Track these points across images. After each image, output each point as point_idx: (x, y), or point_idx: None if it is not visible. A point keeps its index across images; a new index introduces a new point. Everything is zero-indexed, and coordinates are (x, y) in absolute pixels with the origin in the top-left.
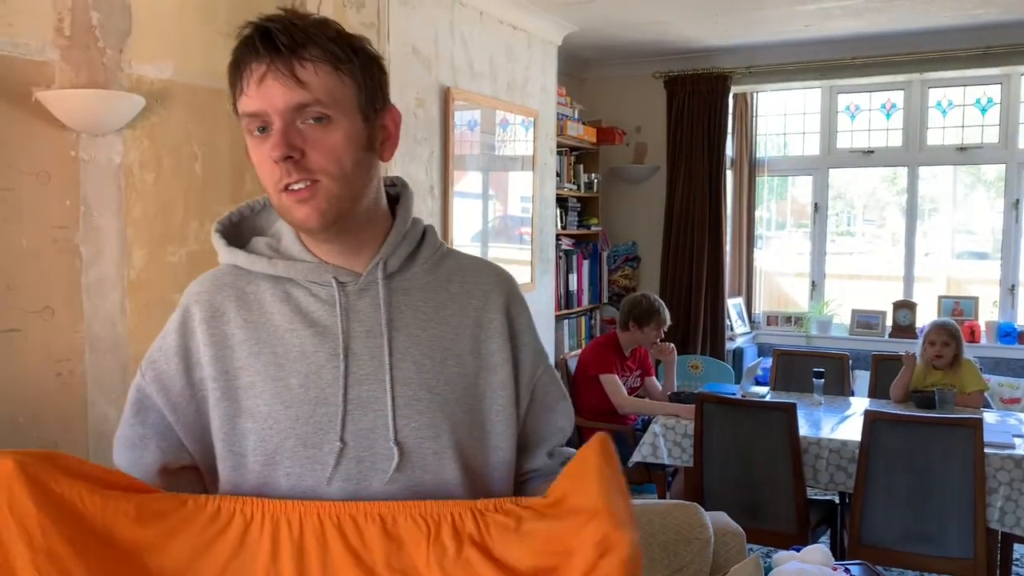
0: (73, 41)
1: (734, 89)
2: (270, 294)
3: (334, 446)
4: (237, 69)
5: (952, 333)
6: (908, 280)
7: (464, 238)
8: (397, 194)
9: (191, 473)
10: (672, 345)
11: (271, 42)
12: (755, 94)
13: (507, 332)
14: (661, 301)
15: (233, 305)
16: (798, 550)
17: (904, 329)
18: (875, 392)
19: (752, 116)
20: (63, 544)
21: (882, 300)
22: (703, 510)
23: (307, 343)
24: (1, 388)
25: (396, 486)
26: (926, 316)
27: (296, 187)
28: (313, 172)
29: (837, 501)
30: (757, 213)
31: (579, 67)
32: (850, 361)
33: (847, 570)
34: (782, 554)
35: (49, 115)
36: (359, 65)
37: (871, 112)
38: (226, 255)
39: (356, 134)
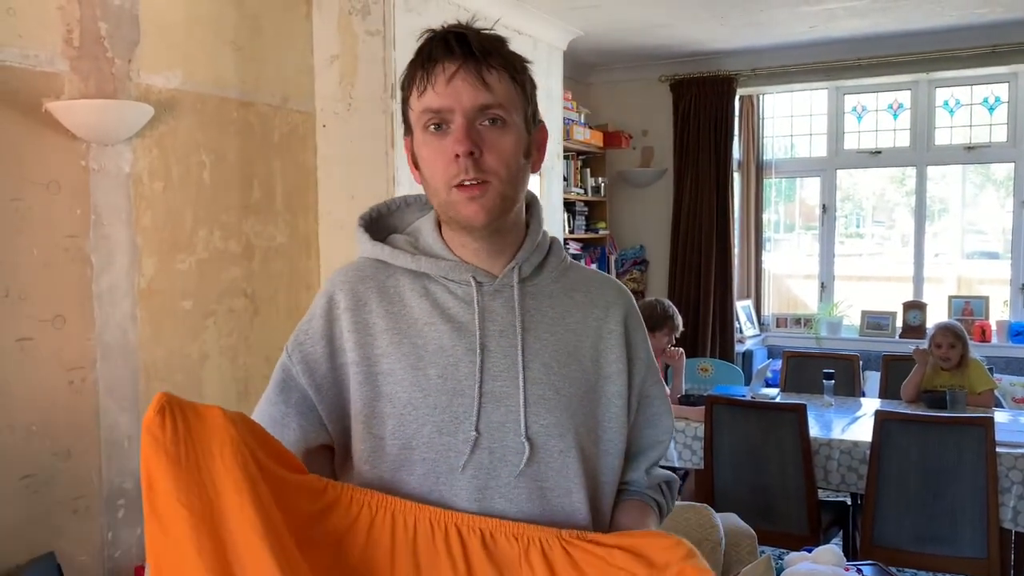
0: (82, 52)
1: (740, 91)
2: (409, 288)
3: (469, 435)
4: (426, 66)
5: (957, 334)
6: (918, 280)
7: None
8: (528, 205)
9: (326, 452)
10: (681, 350)
11: (466, 45)
12: (761, 96)
13: (624, 344)
14: (674, 307)
15: (375, 296)
16: (810, 551)
17: (914, 329)
18: (886, 393)
19: (758, 118)
20: (267, 495)
21: (892, 301)
22: (714, 512)
23: (445, 337)
24: (14, 396)
25: (524, 480)
26: (936, 316)
27: (469, 183)
28: (486, 172)
29: (849, 502)
30: (765, 215)
31: (584, 71)
32: (860, 362)
33: (859, 571)
34: (794, 555)
35: (59, 125)
36: (528, 79)
37: (878, 112)
38: (370, 249)
39: (522, 141)
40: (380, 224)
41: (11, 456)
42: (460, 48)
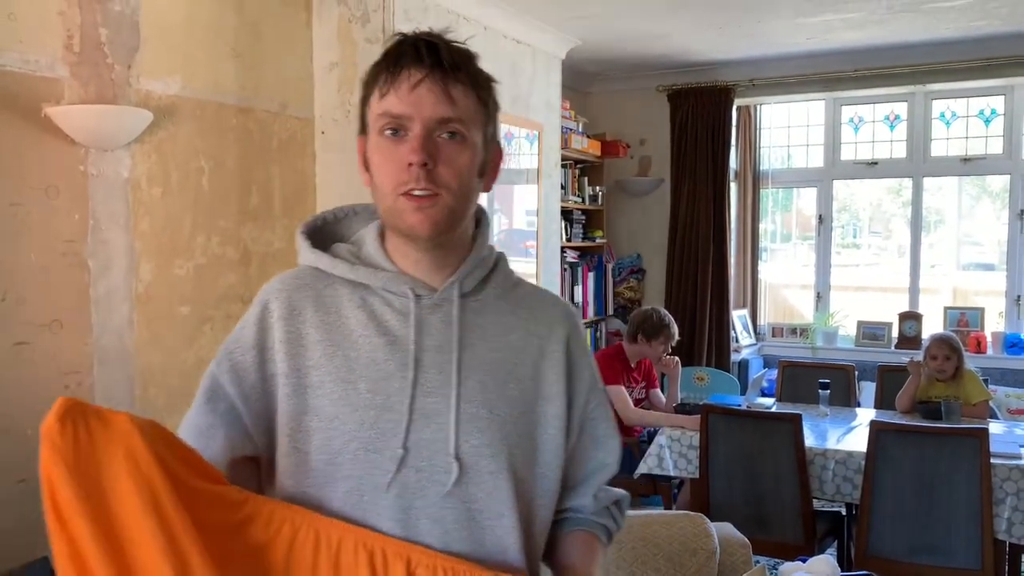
0: (82, 57)
1: (737, 102)
2: (347, 298)
3: (396, 453)
4: (392, 69)
5: (952, 346)
6: (914, 291)
7: None
8: (476, 220)
9: (253, 464)
10: (676, 358)
11: (435, 55)
12: (758, 106)
13: (565, 365)
14: (670, 316)
15: (311, 305)
16: (804, 561)
17: (910, 340)
18: (881, 403)
19: (756, 128)
20: (173, 504)
21: (888, 312)
22: (709, 521)
23: (379, 351)
24: (10, 400)
25: (452, 501)
26: (932, 327)
27: (418, 193)
28: (438, 184)
29: (844, 513)
30: (762, 225)
31: (583, 81)
32: (856, 372)
33: None
34: (788, 565)
35: (58, 130)
36: (492, 100)
37: (875, 124)
38: (309, 257)
39: (477, 159)
40: (325, 232)
41: (7, 460)
42: (429, 57)
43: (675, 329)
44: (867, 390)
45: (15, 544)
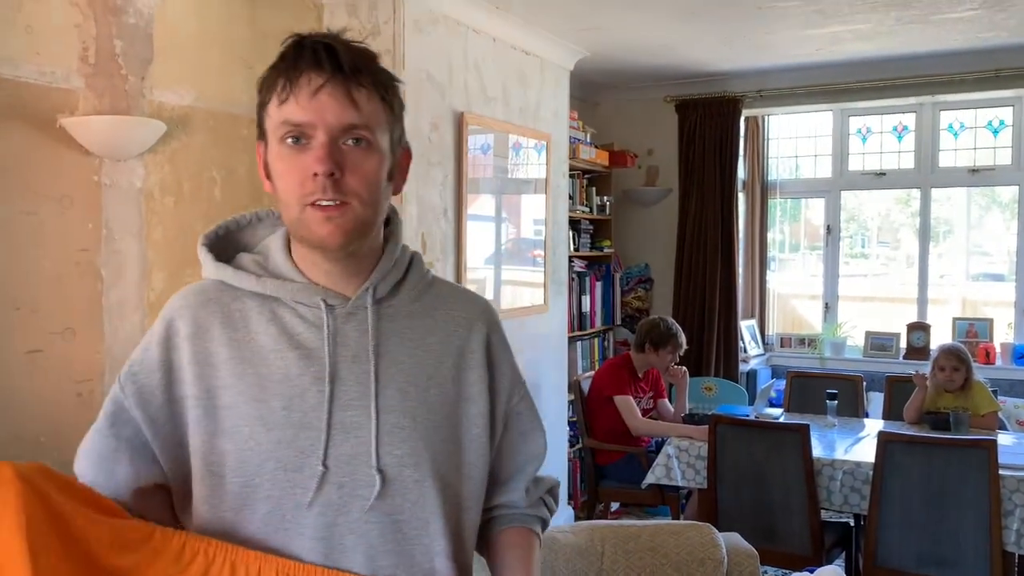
0: (97, 69)
1: (745, 112)
2: (256, 312)
3: (316, 470)
4: (290, 74)
5: (961, 357)
6: (922, 302)
7: (478, 260)
8: (387, 221)
9: (162, 493)
10: (684, 369)
11: (335, 60)
12: (766, 117)
13: (486, 363)
14: (678, 326)
15: (218, 322)
16: (812, 571)
17: (918, 351)
18: (889, 414)
19: (763, 139)
20: (57, 551)
21: (896, 322)
22: (716, 531)
23: (292, 366)
24: (23, 407)
25: (376, 513)
26: (941, 338)
27: (326, 203)
28: (346, 194)
29: (852, 524)
30: (770, 235)
31: (591, 91)
32: (864, 383)
33: None
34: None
35: (72, 141)
36: (397, 101)
37: (883, 135)
38: (212, 270)
39: (385, 164)
40: (228, 241)
41: None
42: (329, 61)
43: (683, 339)
44: (875, 401)
45: None
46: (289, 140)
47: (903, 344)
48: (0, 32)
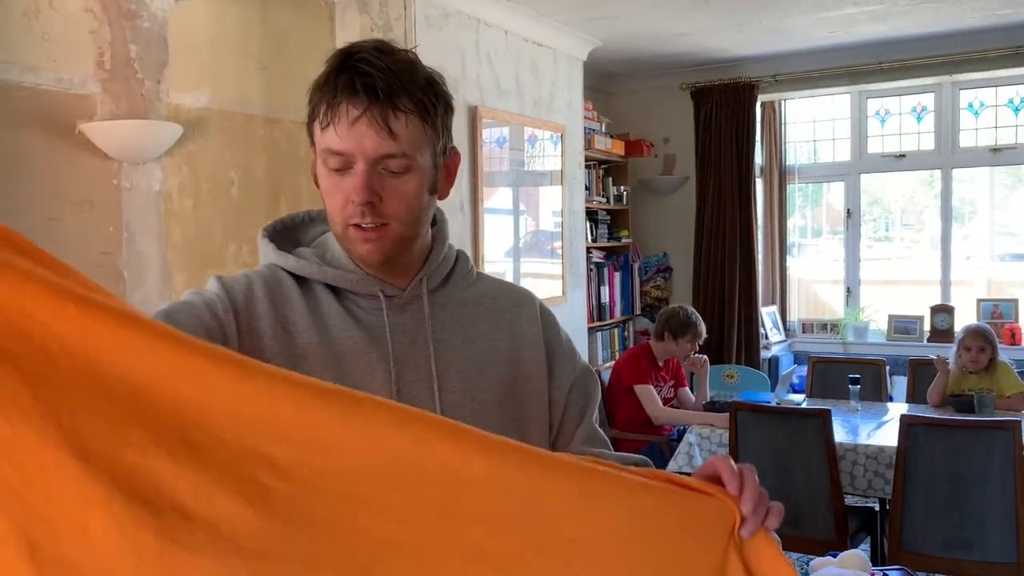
0: (113, 74)
1: (761, 98)
2: (322, 295)
3: None
4: (330, 102)
5: (986, 338)
6: (945, 284)
7: (496, 254)
8: (434, 221)
9: None
10: (705, 357)
11: (371, 88)
12: (783, 102)
13: (541, 342)
14: (698, 315)
15: (295, 292)
16: (835, 555)
17: (942, 333)
18: (913, 397)
19: (780, 124)
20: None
21: (920, 305)
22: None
23: (360, 345)
24: None
25: None
26: (965, 320)
27: (366, 226)
28: (385, 217)
29: (877, 508)
30: (792, 221)
31: (605, 81)
32: (887, 367)
33: (885, 575)
34: (819, 560)
35: (92, 146)
36: (440, 113)
37: (901, 116)
38: (275, 257)
39: (427, 180)
40: (285, 237)
41: None
42: (364, 91)
43: (703, 327)
44: (900, 385)
45: None
46: (332, 166)
47: (927, 327)
48: (18, 41)
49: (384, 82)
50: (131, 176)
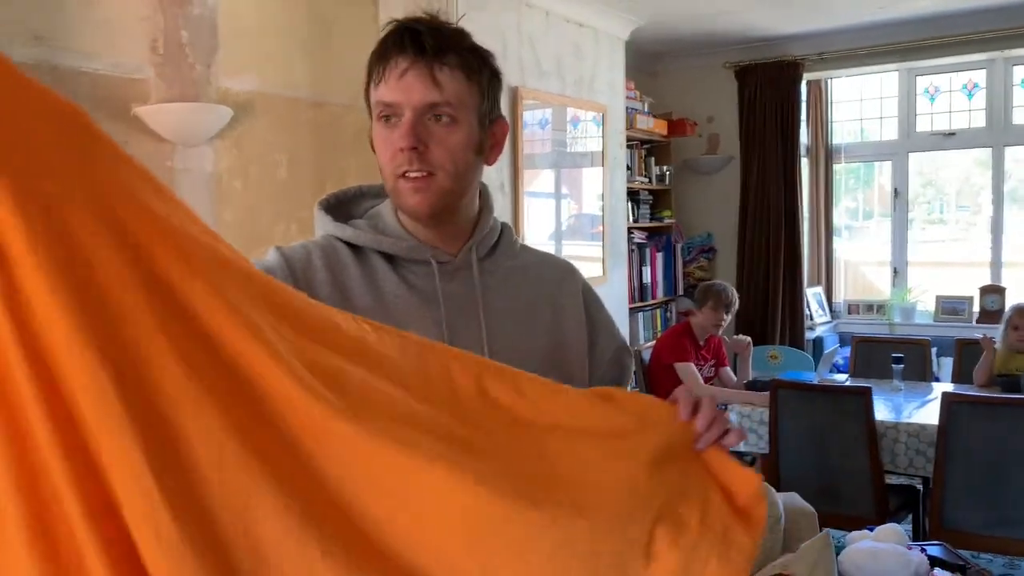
0: (166, 59)
1: (807, 76)
2: (376, 262)
3: None
4: (381, 60)
5: None
6: (996, 264)
7: (539, 238)
8: (480, 194)
9: None
10: (748, 338)
11: (418, 43)
12: (829, 80)
13: (583, 314)
14: (726, 284)
15: (351, 260)
16: (871, 530)
17: (992, 314)
18: (959, 378)
19: (827, 102)
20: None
21: (971, 287)
22: (773, 490)
23: (414, 309)
24: None
25: None
26: (1016, 300)
27: (413, 175)
28: (431, 165)
29: (920, 487)
30: (841, 203)
31: (647, 61)
32: (933, 348)
33: (923, 550)
34: (855, 534)
35: (146, 128)
36: (486, 77)
37: (952, 93)
38: (332, 228)
39: (472, 138)
40: (339, 210)
41: None
42: (412, 46)
43: (730, 295)
44: (946, 366)
45: None
46: (383, 119)
47: (976, 308)
48: (77, 28)
49: (432, 39)
50: (185, 158)
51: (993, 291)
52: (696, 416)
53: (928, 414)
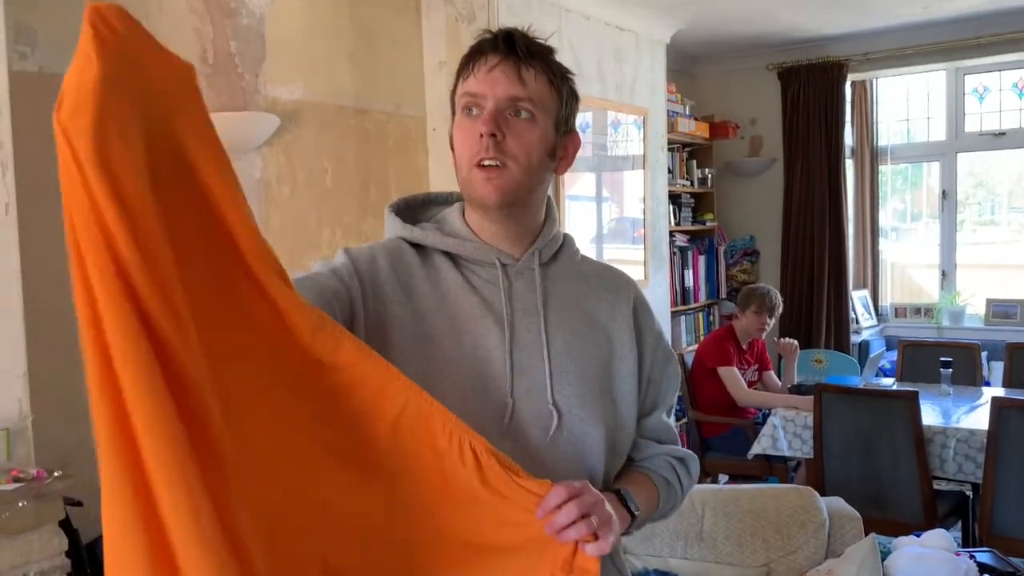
0: (216, 68)
1: (851, 77)
2: (441, 263)
3: (506, 402)
4: (472, 57)
5: None
6: None
7: (581, 240)
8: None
9: None
10: (795, 341)
11: (511, 44)
12: (874, 80)
13: (634, 327)
14: (770, 287)
15: (416, 261)
16: (919, 535)
17: None
18: (1010, 382)
19: (872, 103)
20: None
21: (1023, 290)
22: (817, 495)
23: (476, 309)
24: None
25: (556, 445)
26: None
27: (488, 163)
28: (506, 155)
29: (970, 494)
30: (889, 204)
31: (689, 63)
32: (983, 352)
33: (972, 557)
34: (902, 539)
35: None
36: (567, 88)
37: (1001, 92)
38: (400, 229)
39: (547, 139)
40: (407, 214)
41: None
42: (505, 45)
43: (773, 299)
44: (996, 370)
45: None
46: (467, 110)
47: None
48: None
49: (523, 43)
50: (235, 165)
51: None
52: (557, 511)
53: (978, 419)
